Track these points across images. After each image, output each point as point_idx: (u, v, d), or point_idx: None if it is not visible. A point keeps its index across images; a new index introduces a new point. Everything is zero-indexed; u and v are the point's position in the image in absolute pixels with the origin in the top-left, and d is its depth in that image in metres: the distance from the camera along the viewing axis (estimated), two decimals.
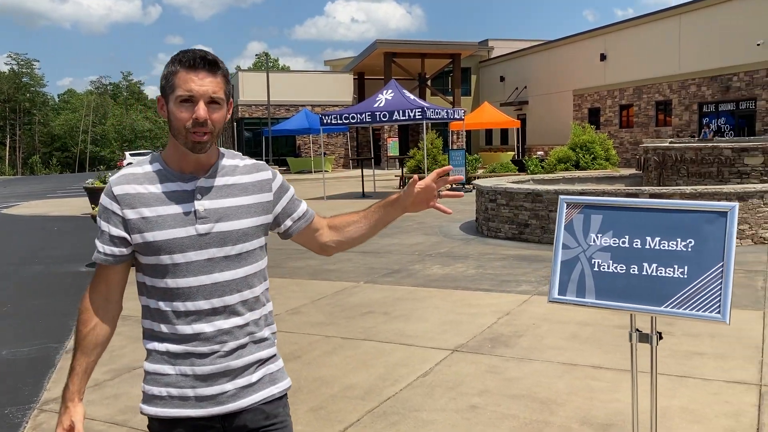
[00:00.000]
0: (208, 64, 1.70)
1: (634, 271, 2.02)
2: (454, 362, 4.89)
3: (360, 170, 21.49)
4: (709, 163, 11.06)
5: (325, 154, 34.77)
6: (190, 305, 1.74)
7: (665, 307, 1.97)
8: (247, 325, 1.80)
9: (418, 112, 18.28)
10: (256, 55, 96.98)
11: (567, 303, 2.10)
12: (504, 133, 42.17)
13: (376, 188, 23.14)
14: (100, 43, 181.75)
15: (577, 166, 20.62)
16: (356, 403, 4.21)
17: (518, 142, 35.51)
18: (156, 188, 1.74)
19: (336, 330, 5.83)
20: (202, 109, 1.67)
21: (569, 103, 36.23)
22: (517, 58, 40.93)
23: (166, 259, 1.72)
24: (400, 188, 22.73)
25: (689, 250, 1.94)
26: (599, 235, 2.08)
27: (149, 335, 1.81)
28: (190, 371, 1.76)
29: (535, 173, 21.85)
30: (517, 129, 34.87)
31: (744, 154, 10.65)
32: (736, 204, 1.89)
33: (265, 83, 35.93)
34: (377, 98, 19.79)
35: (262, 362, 1.85)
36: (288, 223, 1.92)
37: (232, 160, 1.84)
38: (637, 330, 2.15)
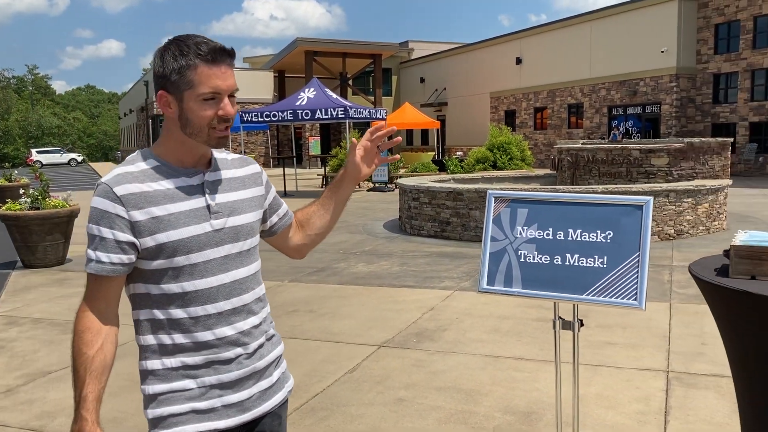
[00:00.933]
0: (229, 56, 1.59)
1: (557, 261, 2.13)
2: (380, 357, 4.96)
3: (281, 169, 21.33)
4: (618, 164, 11.62)
5: (245, 152, 34.26)
6: (210, 308, 1.62)
7: (587, 295, 2.09)
8: (262, 323, 1.73)
9: (341, 111, 18.31)
10: None
11: (495, 293, 2.19)
12: (424, 133, 42.77)
13: (298, 187, 23.00)
14: (2, 33, 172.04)
15: (494, 166, 21.18)
16: None
17: (438, 143, 36.10)
18: (160, 185, 1.59)
19: None
20: (230, 106, 1.59)
21: (486, 105, 37.16)
22: (437, 60, 41.61)
23: (181, 260, 1.58)
24: (322, 187, 22.68)
25: (608, 241, 2.06)
26: (525, 228, 2.19)
27: (154, 351, 1.63)
28: (215, 381, 1.64)
29: (455, 173, 22.30)
30: (437, 130, 35.44)
31: (651, 155, 11.24)
32: (651, 198, 2.03)
33: None
34: (299, 96, 19.68)
35: (278, 360, 1.80)
36: (274, 219, 1.85)
37: (220, 153, 1.75)
38: (560, 318, 2.27)
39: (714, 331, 5.35)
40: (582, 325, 2.25)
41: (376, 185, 21.51)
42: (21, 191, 8.99)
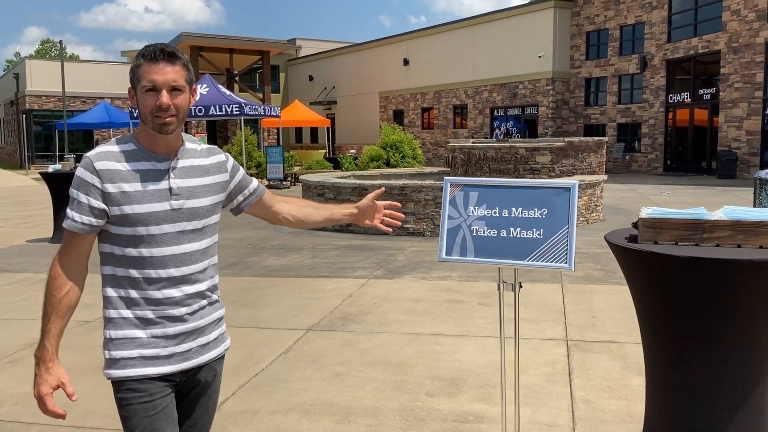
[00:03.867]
0: (167, 55, 1.89)
1: (503, 234, 2.59)
2: (310, 340, 5.30)
3: None
4: (507, 161, 12.51)
5: None
6: (162, 272, 1.92)
7: (527, 260, 2.56)
8: (207, 289, 2.04)
9: (236, 107, 18.28)
10: (41, 41, 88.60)
11: (453, 261, 2.62)
12: (314, 131, 42.99)
13: None
14: None
15: (388, 164, 21.84)
16: (227, 380, 4.44)
17: (329, 141, 36.48)
18: (133, 166, 1.90)
19: None
20: (164, 97, 1.87)
21: (376, 105, 37.97)
22: (326, 58, 41.95)
23: (142, 230, 1.89)
24: None
25: (543, 217, 2.55)
26: (476, 208, 2.63)
27: (114, 303, 1.94)
28: (161, 333, 1.94)
29: (350, 170, 22.78)
30: (328, 128, 35.82)
31: (536, 153, 12.20)
32: (577, 182, 2.54)
33: (55, 73, 33.28)
34: None
35: (218, 321, 2.11)
36: (240, 198, 2.18)
37: (192, 144, 2.04)
38: (504, 282, 2.73)
39: (602, 306, 6.11)
40: (521, 287, 2.72)
41: (271, 182, 21.60)
42: None
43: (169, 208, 1.92)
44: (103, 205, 1.88)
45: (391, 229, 2.42)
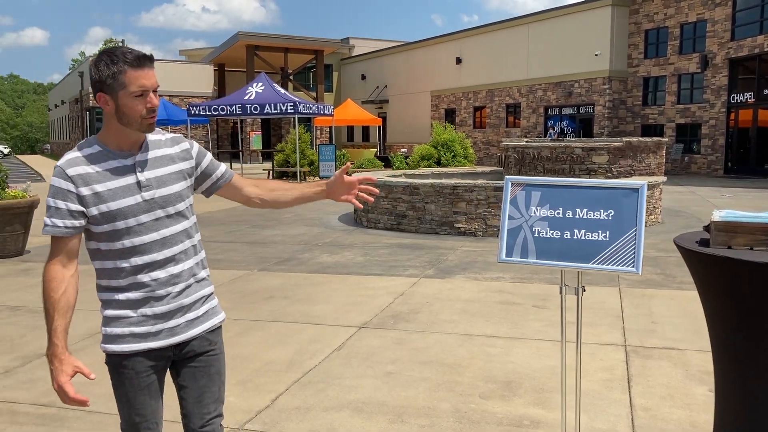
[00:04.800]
0: (150, 60, 2.02)
1: (567, 236, 2.52)
2: (362, 337, 5.29)
3: (227, 163, 21.30)
4: (562, 161, 12.28)
5: None
6: (147, 258, 2.07)
7: (592, 263, 2.49)
8: (191, 268, 2.17)
9: (290, 106, 18.47)
10: (104, 41, 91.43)
11: (513, 263, 2.56)
12: (365, 130, 43.14)
13: None
14: None
15: (438, 163, 21.73)
16: (281, 375, 4.49)
17: (380, 139, 36.56)
18: (101, 167, 2.03)
19: (242, 314, 6.02)
20: (155, 99, 2.02)
21: (427, 104, 37.85)
22: (378, 57, 42.03)
23: (120, 224, 2.03)
24: None
25: (610, 218, 2.47)
26: (539, 208, 2.57)
27: (107, 289, 2.11)
28: (150, 312, 2.10)
29: (400, 169, 22.76)
30: (379, 126, 35.90)
31: (592, 153, 11.95)
32: (645, 183, 2.45)
33: None
34: (247, 91, 19.71)
35: (206, 298, 2.24)
36: (208, 183, 2.29)
37: (155, 135, 2.16)
38: (566, 285, 2.66)
39: (662, 312, 5.93)
40: (584, 290, 2.65)
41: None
42: None
43: (142, 200, 2.05)
44: (81, 208, 2.02)
45: (361, 205, 2.44)
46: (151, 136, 2.13)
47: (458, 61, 35.05)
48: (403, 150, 29.33)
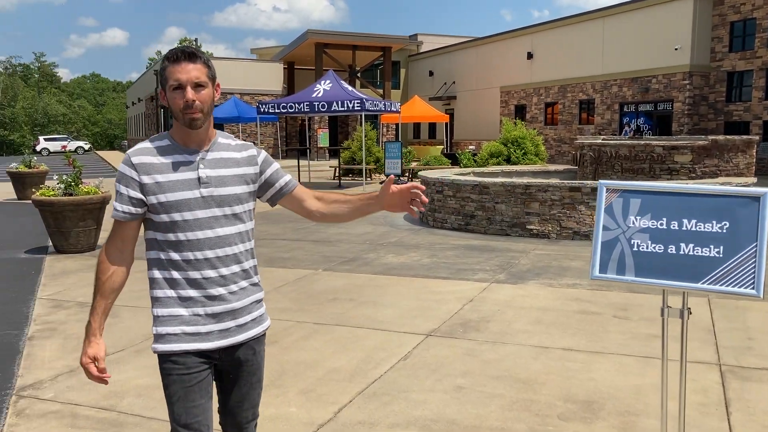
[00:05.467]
0: (187, 55, 2.06)
1: (671, 250, 2.19)
2: (430, 346, 5.02)
3: (295, 160, 21.39)
4: (641, 160, 11.66)
5: (258, 142, 34.30)
6: (199, 254, 2.09)
7: (702, 283, 2.14)
8: (243, 271, 2.19)
9: (357, 103, 18.33)
10: (180, 41, 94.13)
11: (608, 280, 2.24)
12: (432, 127, 42.78)
13: (311, 179, 23.06)
14: (6, 20, 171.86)
15: (508, 161, 21.19)
16: (344, 385, 4.27)
17: (447, 136, 36.12)
18: (166, 159, 2.09)
19: (307, 316, 5.85)
20: (189, 93, 2.04)
21: (496, 100, 37.15)
22: (446, 53, 41.57)
23: (176, 216, 2.07)
24: (335, 179, 22.73)
25: (724, 231, 2.12)
26: (638, 218, 2.24)
27: (159, 284, 2.14)
28: (201, 311, 2.12)
29: (468, 166, 22.34)
30: (446, 123, 35.47)
31: (674, 151, 11.29)
32: (767, 191, 2.09)
33: None
34: (315, 88, 19.69)
35: (256, 303, 2.25)
36: (272, 191, 2.30)
37: (226, 139, 2.22)
38: (669, 306, 2.32)
39: (758, 326, 5.42)
40: (690, 313, 2.30)
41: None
42: (54, 177, 9.05)
43: (199, 196, 2.09)
44: (140, 195, 2.08)
45: (417, 214, 2.32)
46: (221, 139, 2.20)
47: (529, 56, 34.23)
48: (471, 147, 28.88)
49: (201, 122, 2.08)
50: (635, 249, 2.23)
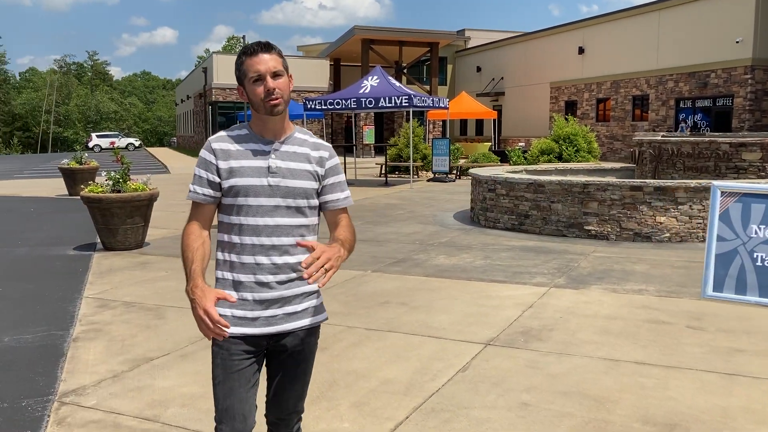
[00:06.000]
0: (263, 47, 2.17)
1: None
2: (490, 356, 4.70)
3: (346, 157, 21.17)
4: (705, 158, 11.06)
5: None
6: (255, 240, 2.16)
7: None
8: (297, 263, 2.19)
9: (405, 99, 18.02)
10: (227, 38, 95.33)
11: (724, 300, 1.90)
12: (479, 123, 42.18)
13: (357, 176, 22.87)
14: (61, 20, 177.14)
15: (560, 158, 20.60)
16: (400, 398, 3.99)
17: (494, 133, 35.50)
18: (242, 146, 2.20)
19: (357, 320, 5.59)
20: (270, 81, 2.13)
21: (546, 96, 36.35)
22: (494, 48, 40.90)
23: (242, 200, 2.16)
24: (381, 176, 22.48)
25: None
26: (762, 227, 1.89)
27: (220, 265, 2.24)
28: (250, 297, 2.18)
29: (518, 164, 21.81)
30: (493, 120, 34.88)
31: (742, 149, 10.67)
32: None
33: None
34: (362, 84, 19.46)
35: (307, 295, 2.27)
36: (323, 199, 2.31)
37: (303, 135, 2.29)
38: None
39: None
40: None
41: (437, 175, 21.20)
42: (103, 173, 9.01)
43: (267, 184, 2.17)
44: (217, 179, 2.19)
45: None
46: (298, 133, 2.27)
47: (581, 51, 33.36)
48: (520, 144, 28.26)
49: (281, 108, 2.16)
50: (759, 264, 1.88)
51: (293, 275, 2.20)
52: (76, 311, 6.02)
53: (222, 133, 2.25)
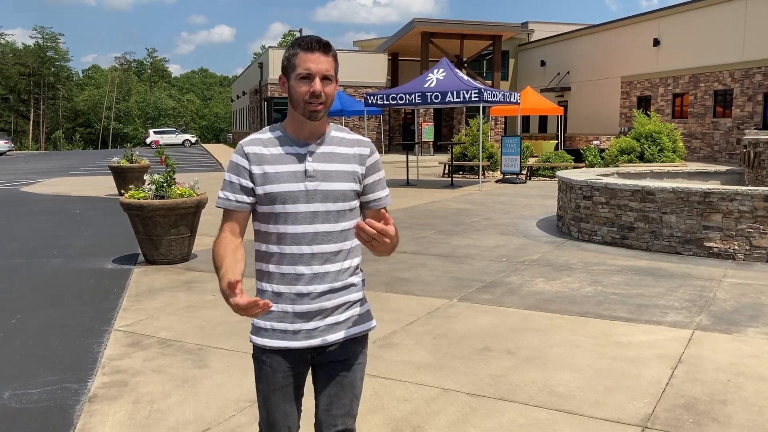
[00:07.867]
0: (322, 46, 2.00)
1: None
2: None
3: (398, 155, 19.89)
4: None
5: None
6: (295, 249, 2.03)
7: None
8: (339, 272, 2.08)
9: (475, 93, 16.58)
10: (283, 35, 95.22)
11: None
12: (542, 120, 40.31)
13: (419, 176, 21.53)
14: (123, 20, 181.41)
15: (641, 158, 18.82)
16: None
17: (560, 130, 33.62)
18: (276, 150, 2.05)
19: (454, 379, 4.26)
20: (318, 84, 1.98)
21: (616, 91, 34.27)
22: (559, 41, 38.96)
23: (279, 208, 2.02)
24: (444, 176, 21.08)
25: None
26: None
27: (259, 276, 2.11)
28: (290, 309, 2.06)
29: (595, 164, 20.12)
30: (559, 116, 33.01)
31: None
32: None
33: None
34: (428, 78, 18.10)
35: (350, 305, 2.14)
36: (365, 198, 2.16)
37: (340, 133, 2.14)
38: None
39: None
40: None
41: (506, 176, 19.68)
42: (145, 176, 7.93)
43: (304, 189, 2.02)
44: (251, 184, 2.04)
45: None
46: (334, 132, 2.12)
47: (656, 42, 31.18)
48: (595, 142, 26.46)
49: (321, 115, 2.02)
50: None
51: (336, 284, 2.08)
52: (100, 352, 4.87)
53: (255, 135, 2.10)
